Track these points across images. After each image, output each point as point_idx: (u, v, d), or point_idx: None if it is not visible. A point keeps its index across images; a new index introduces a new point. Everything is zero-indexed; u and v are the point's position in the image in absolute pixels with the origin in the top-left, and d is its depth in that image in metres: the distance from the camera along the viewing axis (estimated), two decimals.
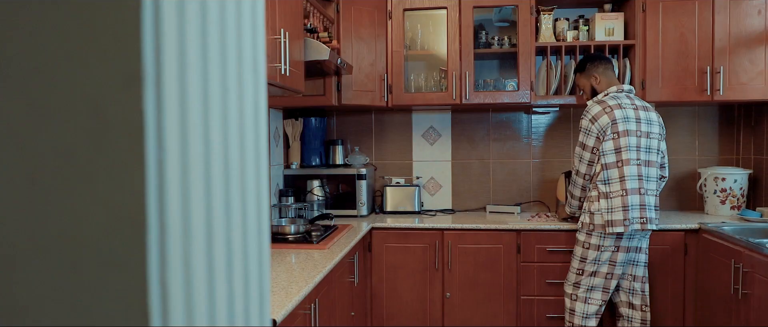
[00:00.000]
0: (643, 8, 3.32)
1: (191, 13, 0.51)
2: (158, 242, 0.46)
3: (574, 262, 3.00)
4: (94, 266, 0.45)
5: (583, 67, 3.12)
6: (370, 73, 3.46)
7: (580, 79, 3.14)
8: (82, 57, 0.45)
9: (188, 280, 0.50)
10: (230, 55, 0.59)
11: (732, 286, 2.68)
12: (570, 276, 3.03)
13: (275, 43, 2.08)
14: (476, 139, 3.87)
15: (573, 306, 3.00)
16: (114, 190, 0.45)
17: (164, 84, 0.46)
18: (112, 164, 0.45)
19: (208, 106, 0.54)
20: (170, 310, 0.47)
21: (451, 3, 3.42)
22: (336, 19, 3.34)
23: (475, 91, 3.48)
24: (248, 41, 0.64)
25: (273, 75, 2.08)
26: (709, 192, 3.50)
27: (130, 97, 0.45)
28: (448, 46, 3.44)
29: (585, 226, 2.93)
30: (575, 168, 3.03)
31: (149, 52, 0.45)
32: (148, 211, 0.45)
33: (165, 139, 0.46)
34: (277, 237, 2.80)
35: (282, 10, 2.17)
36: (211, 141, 0.54)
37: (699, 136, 3.75)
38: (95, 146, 0.45)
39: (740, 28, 3.26)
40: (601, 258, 2.90)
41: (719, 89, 3.26)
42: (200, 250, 0.52)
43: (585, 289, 2.96)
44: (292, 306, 1.75)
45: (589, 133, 2.94)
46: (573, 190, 3.09)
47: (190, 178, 0.50)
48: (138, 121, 0.45)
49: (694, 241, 3.14)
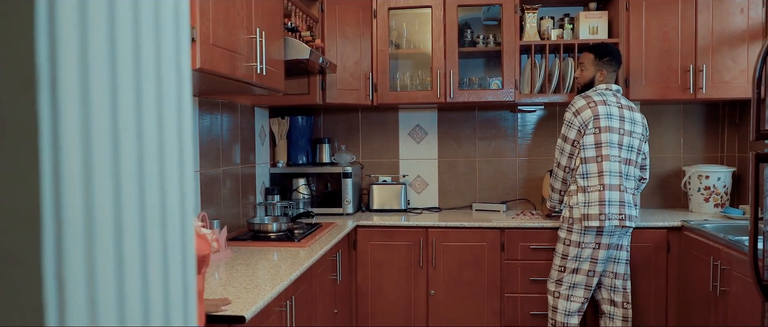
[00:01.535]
0: (627, 7, 3.33)
1: (95, 16, 0.52)
2: (55, 240, 0.47)
3: (556, 259, 3.02)
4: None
5: (603, 54, 3.05)
6: (355, 72, 3.47)
7: (591, 63, 3.06)
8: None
9: (92, 279, 0.51)
10: (146, 57, 0.60)
11: (711, 284, 2.70)
12: (552, 273, 3.04)
13: (251, 43, 2.09)
14: (463, 138, 3.89)
15: (556, 303, 3.01)
16: (9, 188, 0.46)
17: (61, 86, 0.48)
18: (8, 164, 0.46)
19: (118, 107, 0.55)
20: (68, 308, 0.48)
21: (435, 2, 3.43)
22: (320, 18, 3.35)
23: (460, 90, 3.49)
24: (170, 43, 0.65)
25: (249, 74, 2.09)
26: (693, 190, 3.52)
27: (24, 99, 0.46)
28: (433, 45, 3.45)
29: (565, 220, 2.95)
30: (556, 160, 3.04)
31: (43, 55, 0.46)
32: (43, 210, 0.46)
33: (62, 140, 0.48)
34: (259, 235, 2.81)
35: (258, 10, 2.18)
36: (121, 141, 0.55)
37: (684, 134, 3.76)
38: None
39: (723, 27, 3.27)
40: (581, 255, 2.91)
41: (702, 87, 3.27)
42: (107, 249, 0.53)
43: (567, 286, 2.97)
44: (263, 303, 1.77)
45: (571, 126, 2.95)
46: (554, 183, 3.09)
47: (94, 177, 0.51)
48: (32, 123, 0.46)
49: (676, 239, 3.16)
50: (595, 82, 3.06)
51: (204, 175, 2.73)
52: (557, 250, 3.01)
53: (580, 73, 3.11)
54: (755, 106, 1.99)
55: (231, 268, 2.23)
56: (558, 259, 3.00)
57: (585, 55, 3.11)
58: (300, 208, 3.55)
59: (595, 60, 3.05)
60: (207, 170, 2.76)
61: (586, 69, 3.08)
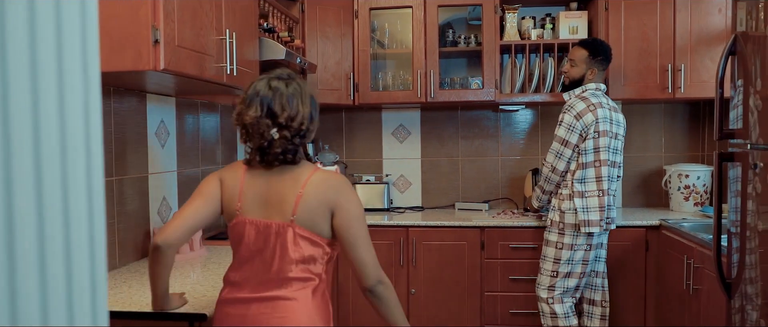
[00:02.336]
0: (606, 7, 3.35)
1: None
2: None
3: (546, 264, 2.93)
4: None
5: (597, 52, 2.92)
6: (336, 72, 3.48)
7: (583, 60, 2.92)
8: None
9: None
10: (45, 60, 0.61)
11: (684, 282, 2.71)
12: (543, 279, 2.95)
13: (221, 44, 2.11)
14: (445, 137, 3.90)
15: (553, 309, 2.92)
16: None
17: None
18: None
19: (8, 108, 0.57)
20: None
21: (416, 2, 3.45)
22: (301, 19, 3.36)
23: (441, 90, 3.51)
24: (77, 45, 0.66)
25: (219, 75, 2.11)
26: (673, 189, 3.53)
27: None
28: (414, 45, 3.47)
29: (555, 224, 2.90)
30: (550, 164, 2.89)
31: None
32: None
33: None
34: None
35: (229, 11, 2.20)
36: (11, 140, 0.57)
37: (665, 133, 3.78)
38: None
39: (701, 27, 3.28)
40: (574, 258, 2.86)
41: (681, 87, 3.29)
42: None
43: (561, 291, 2.90)
44: None
45: (572, 130, 2.83)
46: (545, 185, 2.97)
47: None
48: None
49: (655, 238, 3.17)
50: (584, 80, 2.94)
51: (182, 175, 2.75)
52: (547, 254, 2.93)
53: (569, 68, 2.97)
54: (718, 106, 2.00)
55: (203, 267, 2.25)
56: (549, 264, 2.91)
57: (577, 50, 2.97)
58: None
59: (589, 58, 2.92)
60: (185, 170, 2.78)
61: (576, 65, 2.94)
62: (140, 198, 2.39)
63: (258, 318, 1.47)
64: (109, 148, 2.16)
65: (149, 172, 2.46)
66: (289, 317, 1.47)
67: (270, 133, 1.46)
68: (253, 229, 1.50)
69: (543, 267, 2.95)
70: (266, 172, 1.52)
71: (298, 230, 1.48)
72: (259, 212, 1.50)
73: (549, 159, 2.91)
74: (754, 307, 1.83)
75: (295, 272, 1.48)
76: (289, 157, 1.49)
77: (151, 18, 1.70)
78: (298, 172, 1.51)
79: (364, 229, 1.53)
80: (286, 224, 1.48)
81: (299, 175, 1.51)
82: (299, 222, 1.48)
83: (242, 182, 1.53)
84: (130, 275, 2.11)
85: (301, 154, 1.53)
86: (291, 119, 1.47)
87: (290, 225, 1.48)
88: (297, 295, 1.48)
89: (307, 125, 1.50)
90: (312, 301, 1.50)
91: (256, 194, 1.51)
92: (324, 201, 1.49)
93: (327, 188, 1.50)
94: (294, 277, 1.48)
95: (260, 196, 1.51)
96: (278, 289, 1.48)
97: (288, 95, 1.48)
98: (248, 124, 1.47)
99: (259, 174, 1.53)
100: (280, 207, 1.49)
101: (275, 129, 1.46)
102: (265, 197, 1.51)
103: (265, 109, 1.46)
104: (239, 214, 1.52)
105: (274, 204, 1.49)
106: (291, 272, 1.48)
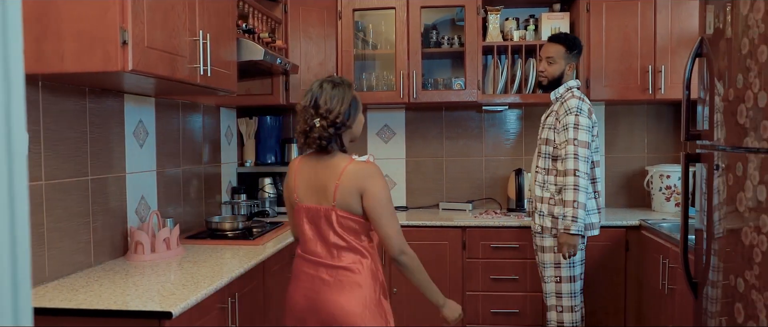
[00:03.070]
0: (588, 8, 3.37)
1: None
2: None
3: (547, 272, 2.82)
4: None
5: (573, 46, 2.81)
6: (319, 73, 3.50)
7: (561, 56, 2.79)
8: None
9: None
10: None
11: (660, 282, 2.73)
12: (548, 287, 2.84)
13: (194, 45, 2.13)
14: (430, 138, 3.92)
15: (561, 318, 2.81)
16: None
17: None
18: None
19: None
20: None
21: (399, 3, 3.47)
22: (284, 20, 3.38)
23: (424, 90, 3.53)
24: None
25: (192, 76, 2.13)
26: (655, 189, 3.55)
27: None
28: (397, 46, 3.49)
29: (547, 230, 2.78)
30: (583, 172, 2.62)
31: None
32: None
33: None
34: (216, 233, 2.85)
35: (204, 12, 2.22)
36: None
37: (648, 134, 3.80)
38: None
39: (682, 28, 3.30)
40: (574, 260, 2.79)
41: (661, 88, 3.31)
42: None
43: (569, 296, 2.80)
44: (195, 300, 1.80)
45: (588, 130, 2.67)
46: (580, 198, 2.60)
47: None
48: None
49: (635, 238, 3.19)
50: (564, 77, 2.81)
51: (162, 175, 2.77)
52: (544, 261, 2.83)
53: (548, 66, 2.81)
54: (685, 108, 2.02)
55: (177, 265, 2.27)
56: (550, 270, 2.81)
57: (553, 46, 2.82)
58: (267, 206, 3.59)
59: (566, 53, 2.80)
60: (165, 169, 2.80)
61: (555, 62, 2.79)
62: (117, 197, 2.41)
63: (325, 279, 1.89)
64: (83, 148, 2.18)
65: (127, 171, 2.48)
66: (351, 287, 1.87)
67: (313, 121, 1.85)
68: (308, 214, 1.92)
69: (544, 273, 2.84)
70: (312, 163, 1.92)
71: (339, 213, 1.86)
72: (311, 199, 1.91)
73: (581, 167, 2.62)
74: (714, 314, 1.85)
75: (349, 242, 1.88)
76: (324, 144, 1.86)
77: (120, 19, 1.72)
78: (335, 164, 1.88)
79: (388, 209, 1.87)
80: (329, 208, 1.87)
81: (337, 166, 1.88)
82: (339, 206, 1.86)
83: (295, 177, 1.96)
84: (103, 273, 2.13)
85: (334, 144, 1.89)
86: (329, 112, 1.84)
87: (332, 209, 1.86)
88: (355, 266, 1.88)
89: (341, 120, 1.86)
90: (369, 276, 1.89)
91: (306, 184, 1.92)
92: (355, 187, 1.84)
93: (357, 177, 1.85)
94: (347, 247, 1.88)
95: (309, 185, 1.92)
96: (340, 258, 1.88)
97: (331, 94, 1.86)
98: (299, 110, 1.91)
99: (306, 167, 1.94)
100: (324, 194, 1.88)
101: (317, 119, 1.84)
102: (313, 185, 1.91)
103: (312, 102, 1.87)
104: (297, 203, 1.95)
105: (320, 191, 1.89)
106: (345, 242, 1.88)
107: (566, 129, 2.68)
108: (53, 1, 1.73)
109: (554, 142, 2.76)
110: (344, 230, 1.87)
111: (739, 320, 1.66)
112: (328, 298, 1.87)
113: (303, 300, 1.94)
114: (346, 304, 1.85)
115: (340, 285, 1.87)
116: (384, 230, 1.85)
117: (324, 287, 1.89)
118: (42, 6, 1.74)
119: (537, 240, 2.88)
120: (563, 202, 2.66)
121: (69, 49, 1.73)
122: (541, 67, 2.86)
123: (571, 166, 2.63)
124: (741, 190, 1.66)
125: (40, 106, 1.96)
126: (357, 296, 1.86)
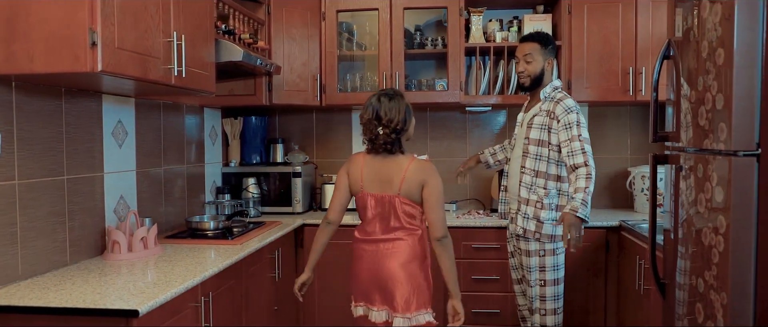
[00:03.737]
0: (569, 10, 3.39)
1: None
2: None
3: (533, 275, 2.80)
4: None
5: (547, 41, 2.80)
6: (303, 73, 3.52)
7: (539, 53, 2.78)
8: None
9: None
10: None
11: (637, 282, 2.75)
12: (533, 291, 2.81)
13: (168, 46, 2.15)
14: (415, 138, 3.91)
15: (544, 321, 2.80)
16: None
17: None
18: None
19: None
20: None
21: (382, 4, 3.49)
22: (267, 21, 3.40)
23: (407, 91, 3.55)
24: None
25: (167, 77, 2.15)
26: (637, 190, 3.57)
27: None
28: (380, 46, 3.50)
29: (530, 233, 2.76)
30: (585, 161, 2.62)
31: None
32: None
33: None
34: (196, 233, 2.87)
35: (179, 13, 2.24)
36: None
37: (631, 136, 3.82)
38: None
39: (662, 30, 3.32)
40: (558, 262, 2.79)
41: (641, 89, 3.32)
42: None
43: (552, 299, 2.79)
44: (164, 298, 1.82)
45: (585, 125, 2.68)
46: (591, 187, 2.61)
47: None
48: None
49: (615, 239, 3.21)
50: (545, 74, 2.79)
51: (143, 174, 2.79)
52: (530, 264, 2.80)
53: (526, 65, 2.79)
54: (653, 110, 2.04)
55: (153, 264, 2.29)
56: (536, 273, 2.79)
57: (527, 44, 2.81)
58: (251, 207, 3.60)
59: (542, 49, 2.78)
60: (146, 169, 2.82)
61: (534, 60, 2.77)
62: (95, 197, 2.43)
63: (383, 251, 2.32)
64: (59, 147, 2.20)
65: (105, 171, 2.50)
66: (402, 250, 2.31)
67: (377, 130, 2.27)
68: (373, 200, 2.32)
69: (531, 279, 2.81)
70: (377, 160, 2.32)
71: (402, 199, 2.28)
72: (376, 188, 2.31)
73: (590, 161, 2.63)
74: (680, 315, 1.87)
75: (404, 224, 2.30)
76: (389, 147, 2.29)
77: (89, 21, 1.74)
78: (400, 161, 2.31)
79: (440, 200, 2.28)
80: (394, 196, 2.29)
81: (401, 163, 2.30)
82: (402, 194, 2.28)
83: (362, 168, 2.34)
84: (78, 272, 2.14)
85: (398, 146, 2.31)
86: (390, 121, 2.26)
87: (397, 196, 2.29)
88: (406, 237, 2.31)
89: (401, 126, 2.29)
90: (416, 241, 2.33)
91: (372, 176, 2.32)
92: (418, 180, 2.27)
93: (420, 172, 2.27)
94: (402, 227, 2.31)
95: (375, 177, 2.32)
96: (394, 234, 2.31)
97: (389, 106, 2.27)
98: (364, 123, 2.32)
99: (372, 162, 2.33)
100: (389, 184, 2.29)
101: (380, 128, 2.26)
102: (378, 177, 2.31)
103: (374, 114, 2.28)
104: (363, 190, 2.34)
105: (385, 182, 2.30)
106: (401, 224, 2.30)
107: (569, 127, 2.66)
108: (23, 2, 1.75)
109: (549, 142, 2.73)
110: (403, 213, 2.29)
111: (700, 320, 1.68)
112: (384, 264, 2.30)
113: (366, 273, 2.35)
114: (394, 265, 2.29)
115: (392, 253, 2.29)
116: (434, 215, 2.27)
117: (382, 258, 2.31)
118: (11, 7, 1.76)
119: (520, 243, 2.84)
120: (575, 188, 2.61)
121: (38, 50, 1.75)
122: (521, 68, 2.83)
123: (581, 160, 2.62)
124: (702, 191, 1.68)
125: (14, 106, 1.98)
126: (401, 258, 2.29)
